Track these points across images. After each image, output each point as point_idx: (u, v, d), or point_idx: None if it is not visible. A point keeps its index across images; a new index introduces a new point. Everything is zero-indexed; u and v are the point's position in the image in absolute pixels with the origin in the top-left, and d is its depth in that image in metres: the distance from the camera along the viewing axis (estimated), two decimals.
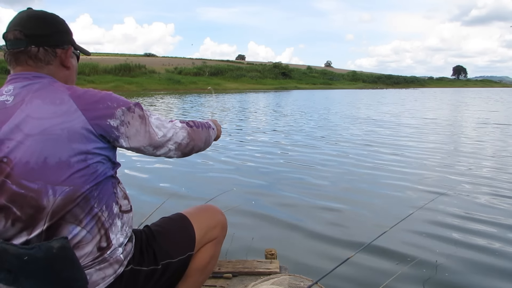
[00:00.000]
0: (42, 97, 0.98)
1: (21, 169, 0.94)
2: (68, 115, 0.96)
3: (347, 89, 76.74)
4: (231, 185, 4.59)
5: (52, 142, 0.94)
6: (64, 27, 1.12)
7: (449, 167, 5.59)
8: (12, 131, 0.95)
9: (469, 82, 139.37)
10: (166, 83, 56.27)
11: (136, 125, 1.06)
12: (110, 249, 1.07)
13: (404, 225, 2.98)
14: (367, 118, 13.80)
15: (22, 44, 1.03)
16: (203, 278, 1.39)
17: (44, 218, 0.96)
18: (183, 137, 1.18)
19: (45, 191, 0.94)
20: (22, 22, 1.04)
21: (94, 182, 1.00)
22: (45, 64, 1.06)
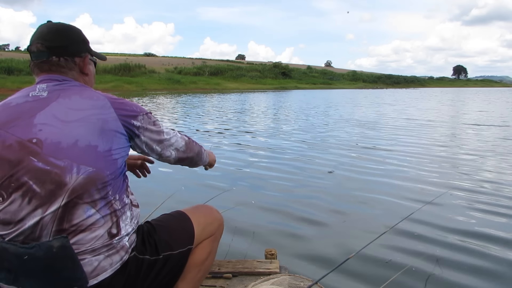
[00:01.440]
0: (79, 94, 1.13)
1: (51, 148, 1.03)
2: (104, 109, 1.10)
3: (347, 89, 76.74)
4: (231, 185, 4.59)
5: (86, 128, 1.06)
6: (80, 37, 1.26)
7: (445, 168, 5.59)
8: (46, 117, 1.06)
9: (470, 82, 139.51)
10: (166, 83, 56.27)
11: (151, 128, 1.23)
12: (118, 236, 1.12)
13: (404, 226, 2.99)
14: (360, 119, 13.80)
15: (44, 56, 1.17)
16: (201, 274, 1.42)
17: (63, 195, 1.02)
18: (181, 145, 1.36)
19: (70, 168, 1.03)
20: (42, 35, 1.17)
21: (113, 171, 1.10)
22: (68, 70, 1.19)
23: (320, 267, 2.54)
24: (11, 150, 1.03)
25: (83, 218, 1.05)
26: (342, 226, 3.33)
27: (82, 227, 1.05)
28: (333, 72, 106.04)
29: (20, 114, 1.07)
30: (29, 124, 1.05)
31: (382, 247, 2.80)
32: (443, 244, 2.91)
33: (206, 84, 61.05)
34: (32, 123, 1.05)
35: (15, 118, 1.07)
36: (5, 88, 38.92)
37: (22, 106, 1.09)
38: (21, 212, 1.03)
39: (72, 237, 1.05)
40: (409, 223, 3.06)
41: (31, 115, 1.06)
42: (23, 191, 1.02)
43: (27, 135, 1.04)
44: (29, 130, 1.04)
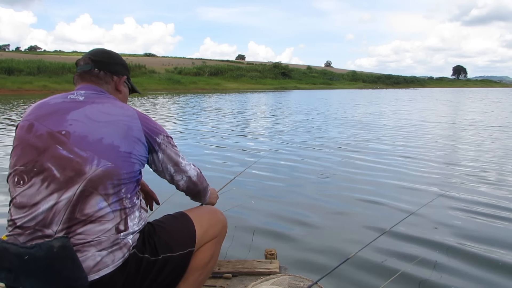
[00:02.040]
0: (112, 103, 1.25)
1: (78, 140, 1.13)
2: (132, 118, 1.22)
3: (347, 89, 76.69)
4: (231, 185, 4.58)
5: (112, 130, 1.16)
6: (122, 62, 1.43)
7: (440, 170, 5.59)
8: (79, 115, 1.17)
9: (469, 82, 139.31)
10: (166, 83, 56.24)
11: (170, 148, 1.33)
12: (124, 233, 1.16)
13: (402, 227, 2.99)
14: (356, 120, 13.80)
15: (88, 67, 1.33)
16: (203, 277, 1.42)
17: (81, 183, 1.10)
18: (194, 175, 1.43)
19: (91, 159, 1.11)
20: (92, 53, 1.37)
21: (129, 172, 1.18)
22: (104, 82, 1.34)
23: (320, 267, 2.54)
24: (41, 139, 1.14)
25: (95, 209, 1.10)
26: (342, 227, 3.33)
27: (92, 218, 1.09)
28: (333, 72, 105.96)
29: (56, 110, 1.19)
30: (62, 119, 1.16)
31: (381, 248, 2.80)
32: (442, 245, 2.91)
33: (206, 84, 61.03)
34: (64, 118, 1.16)
35: (50, 113, 1.18)
36: (6, 88, 38.92)
37: (59, 105, 1.21)
38: (37, 195, 1.09)
39: (81, 227, 1.09)
40: (406, 225, 3.05)
41: (65, 112, 1.18)
42: (44, 176, 1.10)
43: (58, 127, 1.15)
44: (61, 124, 1.15)
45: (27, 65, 48.18)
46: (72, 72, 51.38)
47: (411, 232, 3.09)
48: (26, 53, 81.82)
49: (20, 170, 1.12)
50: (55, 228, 1.08)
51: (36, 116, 1.19)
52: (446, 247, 2.85)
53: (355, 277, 2.44)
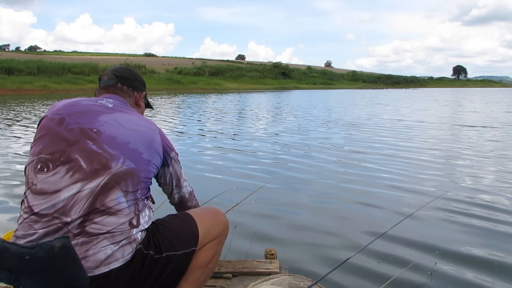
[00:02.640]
0: (138, 115, 1.38)
1: (108, 138, 1.22)
2: (154, 132, 1.34)
3: (347, 89, 76.67)
4: (231, 185, 4.59)
5: (138, 137, 1.27)
6: (141, 79, 1.58)
7: (435, 172, 5.59)
8: (110, 119, 1.27)
9: (469, 82, 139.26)
10: (166, 83, 56.26)
11: (177, 165, 1.49)
12: (136, 229, 1.22)
13: (403, 226, 2.99)
14: (354, 121, 13.81)
15: (113, 82, 1.47)
16: (204, 276, 1.44)
17: (105, 175, 1.17)
18: (186, 192, 1.58)
19: (118, 157, 1.20)
20: (115, 69, 1.51)
21: (146, 177, 1.28)
22: (127, 96, 1.48)
23: (320, 267, 2.54)
24: (72, 133, 1.21)
25: (115, 202, 1.17)
26: (342, 228, 3.33)
27: (111, 210, 1.16)
28: (333, 72, 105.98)
29: (88, 111, 1.28)
30: (94, 119, 1.25)
31: (381, 248, 2.80)
32: (442, 245, 2.91)
33: (206, 84, 61.05)
34: (96, 119, 1.25)
35: (82, 112, 1.27)
36: (5, 88, 38.92)
37: (91, 106, 1.30)
38: (60, 183, 1.14)
39: (99, 217, 1.14)
40: (405, 226, 3.06)
41: (97, 114, 1.27)
42: (70, 165, 1.16)
43: (90, 125, 1.23)
44: (92, 123, 1.24)
45: (27, 65, 48.18)
46: (72, 72, 51.38)
47: (409, 235, 3.09)
48: (26, 53, 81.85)
49: (45, 158, 1.17)
50: (74, 216, 1.12)
51: (69, 112, 1.26)
52: (444, 249, 2.85)
53: (355, 277, 2.45)
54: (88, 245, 1.12)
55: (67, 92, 39.97)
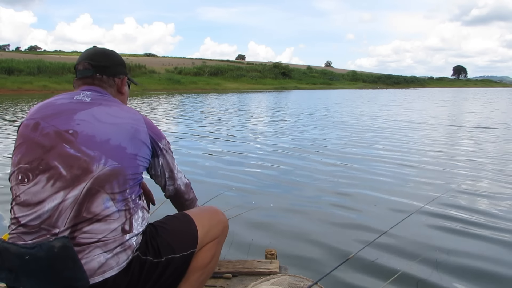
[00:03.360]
0: (119, 106, 1.28)
1: (85, 139, 1.13)
2: (138, 122, 1.24)
3: (347, 89, 76.65)
4: (231, 185, 4.59)
5: (120, 132, 1.18)
6: (121, 61, 1.43)
7: (433, 173, 5.59)
8: (86, 116, 1.18)
9: (469, 82, 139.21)
10: (166, 83, 56.23)
11: (169, 154, 1.38)
12: (130, 234, 1.16)
13: (403, 226, 2.99)
14: (352, 121, 13.79)
15: (90, 73, 1.33)
16: (204, 277, 1.42)
17: (87, 181, 1.10)
18: (182, 184, 1.48)
19: (98, 158, 1.12)
20: (89, 56, 1.36)
21: (134, 173, 1.19)
22: (108, 86, 1.36)
23: (320, 268, 2.54)
24: (47, 138, 1.14)
25: (102, 208, 1.10)
26: (342, 227, 3.33)
27: (99, 216, 1.10)
28: (333, 72, 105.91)
29: (63, 110, 1.19)
30: (69, 118, 1.17)
31: (381, 248, 2.80)
32: (442, 244, 2.91)
33: (206, 84, 61.02)
34: (72, 118, 1.17)
35: (57, 113, 1.19)
36: (5, 88, 38.91)
37: (66, 105, 1.21)
38: (42, 193, 1.09)
39: (87, 225, 1.09)
40: (407, 224, 3.05)
41: (72, 113, 1.18)
42: (49, 174, 1.10)
43: (65, 126, 1.15)
44: (68, 123, 1.16)
45: (27, 65, 48.15)
46: (72, 72, 51.38)
47: (410, 233, 3.10)
48: (26, 53, 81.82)
49: (25, 168, 1.12)
50: (62, 227, 1.07)
51: (43, 115, 1.18)
52: (444, 248, 2.85)
53: (355, 277, 2.45)
54: (80, 254, 1.07)
55: (67, 91, 39.88)
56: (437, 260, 2.64)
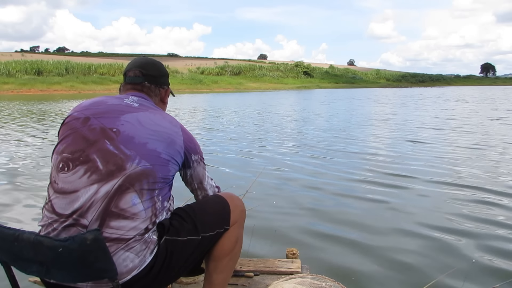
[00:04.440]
0: (163, 115, 1.35)
1: (125, 138, 1.21)
2: (176, 134, 1.31)
3: (370, 88, 75.52)
4: (255, 184, 4.60)
5: (157, 138, 1.25)
6: (167, 73, 1.54)
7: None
8: (132, 118, 1.26)
9: (498, 80, 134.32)
10: (188, 82, 56.96)
11: (200, 168, 1.45)
12: (150, 231, 1.21)
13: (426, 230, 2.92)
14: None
15: (140, 80, 1.43)
16: (232, 262, 1.48)
17: (120, 177, 1.16)
18: (213, 193, 1.53)
19: (133, 158, 1.19)
20: (141, 65, 1.46)
21: (164, 177, 1.25)
22: (154, 95, 1.45)
23: (342, 268, 2.53)
24: (93, 132, 1.22)
25: (129, 205, 1.16)
26: (363, 227, 3.29)
27: (126, 213, 1.15)
28: (356, 71, 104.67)
29: (112, 110, 1.28)
30: (116, 118, 1.25)
31: (407, 249, 2.75)
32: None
33: (228, 84, 61.43)
34: (118, 118, 1.25)
35: (106, 112, 1.27)
36: (35, 88, 40.28)
37: (116, 106, 1.30)
38: (78, 184, 1.15)
39: (114, 220, 1.14)
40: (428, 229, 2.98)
41: (120, 114, 1.27)
42: (88, 166, 1.17)
43: (111, 124, 1.23)
44: (114, 122, 1.24)
45: (56, 66, 49.71)
46: (97, 73, 52.71)
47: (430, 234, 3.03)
48: (54, 54, 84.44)
49: (67, 157, 1.19)
50: (90, 218, 1.13)
51: (94, 112, 1.27)
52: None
53: (379, 277, 2.42)
54: None
55: (93, 92, 41.02)
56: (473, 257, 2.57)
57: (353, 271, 2.50)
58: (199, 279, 1.85)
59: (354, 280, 2.35)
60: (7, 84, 41.20)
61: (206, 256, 1.44)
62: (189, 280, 1.85)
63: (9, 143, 7.98)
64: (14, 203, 3.94)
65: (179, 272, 1.36)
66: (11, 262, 1.13)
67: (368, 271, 2.50)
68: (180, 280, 1.84)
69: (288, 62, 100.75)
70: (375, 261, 2.63)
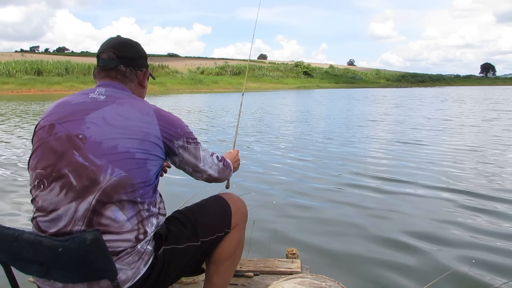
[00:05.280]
0: (132, 104, 1.19)
1: (93, 146, 1.10)
2: (149, 124, 1.17)
3: (370, 88, 75.54)
4: (253, 186, 4.61)
5: (128, 136, 1.12)
6: (144, 54, 1.37)
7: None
8: (97, 117, 1.13)
9: (498, 80, 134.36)
10: (188, 82, 56.97)
11: (188, 152, 1.29)
12: (143, 241, 1.15)
13: (428, 229, 2.92)
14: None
15: (114, 63, 1.27)
16: (233, 266, 1.46)
17: (96, 192, 1.08)
18: (214, 172, 1.40)
19: (105, 168, 1.08)
20: (115, 46, 1.29)
21: (144, 179, 1.14)
22: (129, 81, 1.30)
23: (342, 267, 2.53)
24: (60, 142, 1.12)
25: (111, 220, 1.09)
26: (361, 226, 3.29)
27: (110, 228, 1.09)
28: (356, 71, 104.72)
29: (76, 111, 1.16)
30: (80, 121, 1.14)
31: (403, 246, 2.75)
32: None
33: (228, 84, 61.44)
34: (83, 120, 1.13)
35: (70, 114, 1.16)
36: (35, 88, 40.29)
37: (80, 105, 1.18)
38: (57, 202, 1.09)
39: None
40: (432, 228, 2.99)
41: (85, 113, 1.15)
42: (62, 182, 1.09)
43: (76, 130, 1.12)
44: (79, 126, 1.13)
45: (56, 66, 49.71)
46: None
47: (435, 234, 3.03)
48: (54, 54, 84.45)
49: (40, 174, 1.12)
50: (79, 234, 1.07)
51: (57, 116, 1.16)
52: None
53: (378, 277, 2.42)
54: None
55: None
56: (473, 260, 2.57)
57: (353, 271, 2.50)
58: (199, 279, 1.85)
59: (354, 280, 2.35)
60: (7, 84, 41.22)
61: (207, 259, 1.41)
62: (189, 280, 1.86)
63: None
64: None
65: (178, 277, 1.34)
66: (11, 262, 1.12)
67: (368, 271, 2.50)
68: (180, 280, 1.84)
69: (288, 62, 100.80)
70: (375, 261, 2.63)
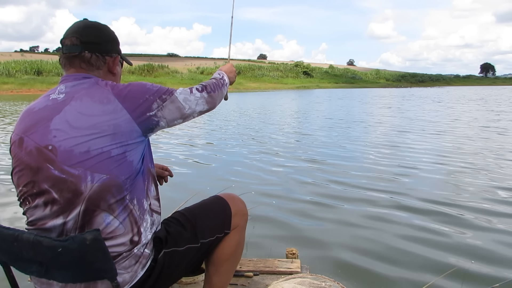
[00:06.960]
0: (90, 95, 1.09)
1: (65, 156, 1.03)
2: (115, 113, 1.07)
3: (370, 88, 75.54)
4: (253, 185, 4.60)
5: (97, 135, 1.04)
6: (114, 37, 1.26)
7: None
8: (61, 122, 1.06)
9: (498, 80, 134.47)
10: (188, 82, 56.87)
11: (169, 107, 1.17)
12: (140, 244, 1.13)
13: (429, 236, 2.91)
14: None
15: (77, 49, 1.16)
16: (233, 266, 1.45)
17: (81, 203, 1.04)
18: (203, 106, 1.29)
19: (84, 177, 1.03)
20: (79, 30, 1.17)
21: (128, 174, 1.08)
22: (96, 68, 1.18)
23: (341, 267, 2.53)
24: (31, 157, 1.06)
25: (103, 226, 1.06)
26: (361, 227, 3.29)
27: (102, 234, 1.05)
28: (355, 71, 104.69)
29: (40, 119, 1.08)
30: (46, 130, 1.06)
31: (401, 249, 2.75)
32: None
33: None
34: (48, 128, 1.06)
35: (35, 124, 1.09)
36: (35, 88, 40.24)
37: (42, 111, 1.10)
38: (44, 217, 1.07)
39: None
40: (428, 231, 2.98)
41: (48, 120, 1.07)
42: (45, 198, 1.06)
43: (44, 141, 1.05)
44: (45, 137, 1.06)
45: (55, 66, 49.59)
46: None
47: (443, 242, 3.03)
48: (54, 54, 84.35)
49: (24, 191, 1.09)
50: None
51: (24, 128, 1.10)
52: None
53: (378, 278, 2.42)
54: None
55: None
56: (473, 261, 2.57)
57: (353, 271, 2.50)
58: (199, 279, 1.85)
59: (353, 280, 2.35)
60: (6, 84, 41.16)
61: (206, 260, 1.41)
62: (189, 280, 1.85)
63: None
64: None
65: (177, 278, 1.34)
66: (11, 262, 1.12)
67: (367, 271, 2.50)
68: (180, 280, 1.84)
69: (288, 62, 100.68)
70: (375, 261, 2.63)
